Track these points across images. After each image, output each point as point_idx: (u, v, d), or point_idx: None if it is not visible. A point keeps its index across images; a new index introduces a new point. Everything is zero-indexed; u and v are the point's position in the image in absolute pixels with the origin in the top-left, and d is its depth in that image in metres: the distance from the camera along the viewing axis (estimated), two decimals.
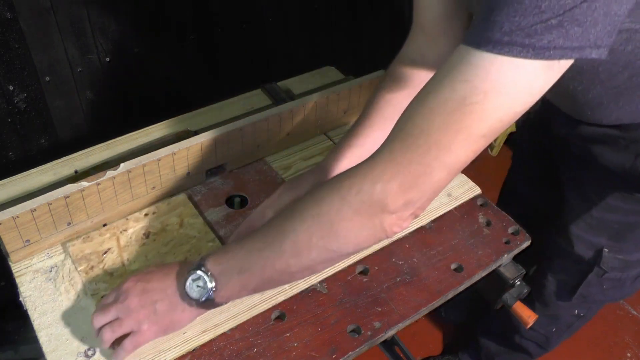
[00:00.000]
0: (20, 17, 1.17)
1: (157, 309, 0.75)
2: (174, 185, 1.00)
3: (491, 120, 0.57)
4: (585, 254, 1.09)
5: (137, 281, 0.77)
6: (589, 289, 1.13)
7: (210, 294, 0.72)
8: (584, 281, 1.12)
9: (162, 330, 0.77)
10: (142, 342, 0.76)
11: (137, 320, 0.75)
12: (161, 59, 1.44)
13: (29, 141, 1.34)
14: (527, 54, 0.53)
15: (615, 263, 1.06)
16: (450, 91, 0.57)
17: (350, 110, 1.17)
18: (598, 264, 1.07)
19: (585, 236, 1.07)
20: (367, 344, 0.81)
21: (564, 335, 1.34)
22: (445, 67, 0.59)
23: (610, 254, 1.05)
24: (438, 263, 0.93)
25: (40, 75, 1.27)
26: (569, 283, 1.16)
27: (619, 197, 1.00)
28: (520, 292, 0.99)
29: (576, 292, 1.14)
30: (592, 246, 1.07)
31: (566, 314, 1.24)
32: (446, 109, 0.57)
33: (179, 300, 0.75)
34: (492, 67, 0.55)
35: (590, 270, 1.09)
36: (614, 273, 1.08)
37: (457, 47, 0.58)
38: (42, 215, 0.86)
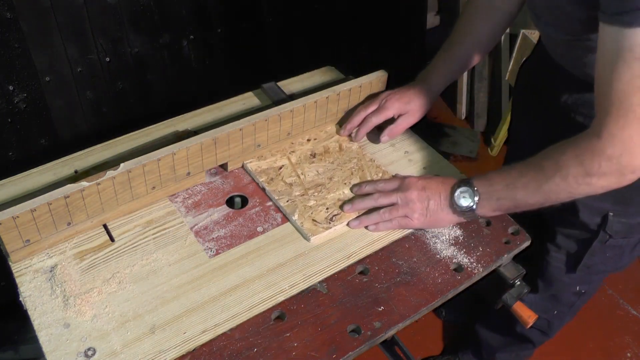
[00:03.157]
0: (20, 17, 1.17)
1: (429, 205, 0.94)
2: (174, 185, 1.00)
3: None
4: (590, 220, 1.11)
5: (419, 179, 0.97)
6: (593, 258, 1.16)
7: (473, 205, 0.91)
8: (589, 250, 1.15)
9: (427, 223, 0.96)
10: (408, 227, 0.96)
11: (413, 210, 0.94)
12: (161, 59, 1.44)
13: (29, 141, 1.34)
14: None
15: (619, 227, 1.09)
16: (631, 71, 0.73)
17: (350, 110, 1.17)
18: (604, 229, 1.10)
19: (591, 202, 1.09)
20: (367, 344, 0.81)
21: (566, 317, 1.35)
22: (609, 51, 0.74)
23: (615, 218, 1.08)
24: (438, 263, 0.93)
25: (40, 75, 1.27)
26: (573, 255, 1.19)
27: None
28: (520, 292, 0.99)
29: (580, 263, 1.18)
30: (597, 212, 1.09)
31: (568, 291, 1.27)
32: (635, 85, 0.73)
33: (447, 204, 0.94)
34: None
35: (595, 237, 1.12)
36: (617, 239, 1.11)
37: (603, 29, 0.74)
38: (42, 215, 0.86)
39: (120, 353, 0.78)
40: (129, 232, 0.94)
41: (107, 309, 0.83)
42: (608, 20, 0.74)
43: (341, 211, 0.98)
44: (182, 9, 1.40)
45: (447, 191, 0.94)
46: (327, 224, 0.96)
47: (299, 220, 0.96)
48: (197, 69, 1.52)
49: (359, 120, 1.12)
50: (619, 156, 0.78)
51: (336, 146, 1.12)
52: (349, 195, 1.02)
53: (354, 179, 1.05)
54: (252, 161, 1.07)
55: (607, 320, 1.88)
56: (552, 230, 1.20)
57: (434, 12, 2.77)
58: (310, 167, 1.07)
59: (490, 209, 0.91)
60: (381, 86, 1.18)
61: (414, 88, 1.12)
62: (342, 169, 1.07)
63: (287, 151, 1.10)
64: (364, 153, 1.11)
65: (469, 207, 0.92)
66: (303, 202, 0.99)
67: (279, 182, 1.03)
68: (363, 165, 1.08)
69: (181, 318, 0.83)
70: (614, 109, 0.76)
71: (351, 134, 1.14)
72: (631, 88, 0.74)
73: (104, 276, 0.87)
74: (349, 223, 0.97)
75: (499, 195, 0.90)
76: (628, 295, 1.95)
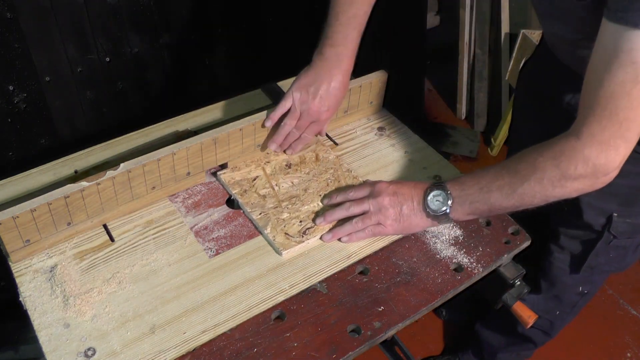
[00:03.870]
0: (20, 17, 1.17)
1: (402, 211, 0.92)
2: (174, 185, 1.00)
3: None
4: (595, 221, 1.11)
5: (390, 184, 0.94)
6: (597, 258, 1.16)
7: (447, 209, 0.89)
8: (593, 250, 1.14)
9: (401, 229, 0.94)
10: (382, 234, 0.94)
11: (386, 216, 0.92)
12: (161, 59, 1.44)
13: (29, 141, 1.34)
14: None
15: (624, 227, 1.09)
16: (624, 74, 0.72)
17: (350, 110, 1.17)
18: (608, 229, 1.10)
19: (596, 203, 1.09)
20: (367, 344, 0.81)
21: (568, 317, 1.35)
22: (606, 49, 0.74)
23: (619, 219, 1.08)
24: (438, 263, 0.93)
25: (40, 75, 1.27)
26: (576, 256, 1.18)
27: (629, 160, 1.01)
28: (520, 292, 0.99)
29: (584, 263, 1.17)
30: (602, 213, 1.09)
31: (571, 292, 1.27)
32: (625, 89, 0.72)
33: (420, 208, 0.92)
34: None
35: (600, 238, 1.12)
36: (622, 239, 1.11)
37: (606, 25, 0.73)
38: (42, 215, 0.86)
39: (120, 353, 0.78)
40: (129, 232, 0.94)
41: (107, 309, 0.83)
42: (612, 17, 0.73)
43: (314, 224, 0.96)
44: (182, 9, 1.40)
45: (419, 195, 0.92)
46: (299, 237, 0.93)
47: (271, 234, 0.93)
48: (197, 69, 1.52)
49: (284, 134, 1.05)
50: (595, 157, 0.78)
51: (312, 156, 1.09)
52: (324, 207, 0.99)
53: (329, 190, 1.02)
54: (226, 172, 1.04)
55: (607, 320, 1.88)
56: (555, 231, 1.20)
57: (434, 12, 2.78)
58: (285, 178, 1.04)
59: (464, 212, 0.90)
60: (381, 86, 1.18)
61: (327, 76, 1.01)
62: (318, 180, 1.04)
63: (262, 161, 1.07)
64: (341, 163, 1.08)
65: (443, 211, 0.90)
66: (276, 214, 0.97)
67: (253, 194, 1.00)
68: (339, 175, 1.05)
69: (181, 318, 0.83)
70: (598, 109, 0.76)
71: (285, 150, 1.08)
72: (620, 91, 0.73)
73: (104, 276, 0.87)
74: (322, 237, 0.94)
75: (473, 198, 0.88)
76: (628, 295, 1.95)
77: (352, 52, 1.03)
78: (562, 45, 1.03)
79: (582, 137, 0.78)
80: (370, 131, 1.18)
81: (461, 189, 0.89)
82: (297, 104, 1.01)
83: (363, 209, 0.93)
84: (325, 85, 1.01)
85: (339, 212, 0.95)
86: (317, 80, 1.01)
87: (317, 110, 1.02)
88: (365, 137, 1.17)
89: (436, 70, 2.68)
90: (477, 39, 2.34)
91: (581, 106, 0.80)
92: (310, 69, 1.02)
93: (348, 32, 1.02)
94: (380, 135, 1.17)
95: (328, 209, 0.97)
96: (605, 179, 0.81)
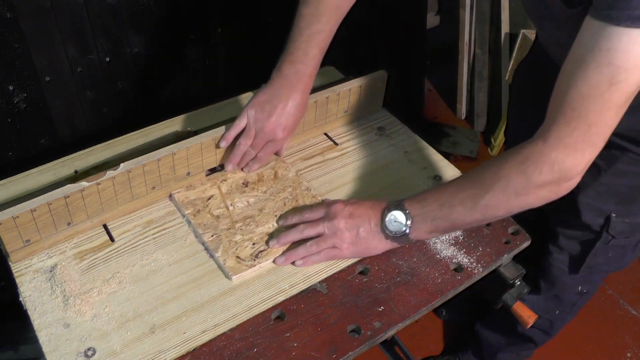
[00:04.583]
0: (20, 17, 1.17)
1: (359, 233, 0.88)
2: (174, 185, 1.00)
3: (633, 91, 0.70)
4: (593, 221, 1.10)
5: (346, 205, 0.90)
6: (596, 258, 1.15)
7: (406, 230, 0.85)
8: (592, 250, 1.14)
9: (358, 252, 0.90)
10: (338, 257, 0.90)
11: (341, 239, 0.88)
12: (161, 59, 1.44)
13: (29, 141, 1.34)
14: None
15: (623, 227, 1.08)
16: (598, 75, 0.69)
17: (350, 110, 1.17)
18: (606, 229, 1.09)
19: (594, 204, 1.08)
20: (367, 344, 0.81)
21: (568, 317, 1.35)
22: (584, 48, 0.70)
23: (618, 219, 1.07)
24: (438, 263, 0.93)
25: (40, 75, 1.27)
26: (575, 256, 1.18)
27: (627, 160, 1.01)
28: (520, 292, 0.99)
29: (583, 263, 1.17)
30: (600, 213, 1.09)
31: (570, 292, 1.27)
32: (598, 91, 0.69)
33: (378, 230, 0.88)
34: (631, 44, 0.66)
35: (598, 238, 1.11)
36: (620, 239, 1.10)
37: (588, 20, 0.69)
38: (42, 215, 0.86)
39: (120, 353, 0.78)
40: (129, 232, 0.94)
41: (107, 309, 0.83)
42: (595, 15, 0.69)
43: (268, 247, 0.92)
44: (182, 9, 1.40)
45: (377, 216, 0.88)
46: (251, 261, 0.89)
47: (221, 258, 0.89)
48: (197, 69, 1.52)
49: (240, 155, 1.01)
50: (562, 161, 0.75)
51: (271, 174, 1.05)
52: (279, 229, 0.95)
53: (286, 210, 0.98)
54: (180, 191, 1.00)
55: (607, 320, 1.88)
56: (553, 231, 1.20)
57: (434, 12, 2.77)
58: (241, 197, 1.00)
59: (426, 231, 0.86)
60: (381, 86, 1.18)
61: (284, 94, 0.97)
62: (275, 199, 1.00)
63: (219, 179, 1.03)
64: (300, 181, 1.03)
65: (402, 232, 0.86)
66: (229, 236, 0.93)
67: (206, 215, 0.96)
68: (298, 194, 1.01)
69: (181, 318, 0.83)
70: (568, 111, 0.73)
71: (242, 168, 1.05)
72: (593, 93, 0.70)
73: (104, 276, 0.87)
74: (275, 260, 0.90)
75: (434, 215, 0.84)
76: (628, 295, 1.95)
77: (312, 70, 0.99)
78: (556, 48, 1.03)
79: (549, 140, 0.76)
80: (370, 131, 1.18)
81: (421, 206, 0.85)
82: (251, 122, 0.97)
83: (318, 232, 0.89)
84: (282, 104, 0.97)
85: (293, 234, 0.91)
86: (274, 98, 0.97)
87: (273, 130, 0.98)
88: (365, 137, 1.17)
89: (436, 70, 2.68)
90: (477, 39, 2.34)
91: (550, 107, 0.77)
92: (267, 87, 0.98)
93: (309, 49, 0.97)
94: (380, 135, 1.17)
95: (283, 230, 0.93)
96: (569, 185, 0.79)
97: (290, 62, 0.97)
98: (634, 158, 1.01)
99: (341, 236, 0.88)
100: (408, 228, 0.86)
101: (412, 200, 0.86)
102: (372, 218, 0.88)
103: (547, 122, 0.77)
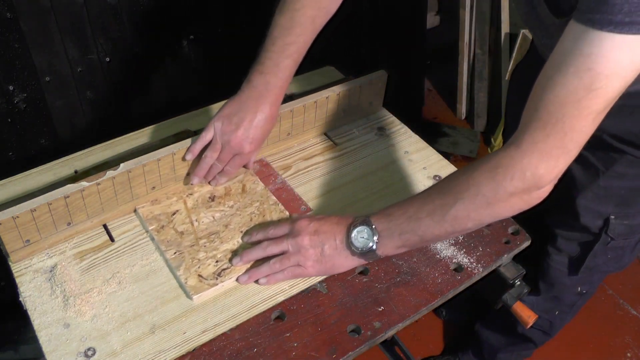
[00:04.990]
0: (20, 17, 1.17)
1: (324, 250, 0.85)
2: (174, 185, 1.00)
3: (612, 98, 0.68)
4: (592, 224, 1.10)
5: (311, 222, 0.87)
6: (595, 259, 1.15)
7: (373, 246, 0.82)
8: (591, 252, 1.13)
9: (324, 270, 0.87)
10: (303, 276, 0.87)
11: (305, 257, 0.85)
12: (161, 59, 1.44)
13: (29, 141, 1.34)
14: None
15: (621, 229, 1.08)
16: (578, 80, 0.67)
17: (350, 110, 1.17)
18: (605, 232, 1.08)
19: (592, 206, 1.08)
20: (367, 344, 0.81)
21: (567, 317, 1.35)
22: (565, 51, 0.68)
23: (617, 221, 1.07)
24: (438, 263, 0.93)
25: (40, 75, 1.27)
26: (575, 257, 1.18)
27: (625, 163, 1.01)
28: (520, 292, 0.99)
29: (582, 265, 1.16)
30: (599, 215, 1.09)
31: (570, 292, 1.26)
32: (576, 96, 0.67)
33: (343, 247, 0.85)
34: (612, 49, 0.64)
35: (597, 240, 1.11)
36: (619, 240, 1.10)
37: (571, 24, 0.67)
38: (42, 215, 0.86)
39: (120, 353, 0.78)
40: (129, 232, 0.94)
41: (107, 309, 0.83)
42: (579, 18, 0.67)
43: (231, 264, 0.89)
44: (182, 9, 1.40)
45: (342, 233, 0.85)
46: (214, 280, 0.86)
47: (183, 276, 0.86)
48: (197, 69, 1.52)
49: (206, 168, 0.98)
50: (535, 167, 0.73)
51: (239, 187, 1.01)
52: (244, 245, 0.92)
53: (252, 226, 0.95)
54: (145, 206, 0.96)
55: (607, 320, 1.87)
56: (552, 233, 1.20)
57: (434, 12, 2.78)
58: (207, 213, 0.96)
59: (394, 246, 0.83)
60: (381, 86, 1.18)
61: (252, 106, 0.94)
62: (242, 214, 0.97)
63: (185, 193, 1.00)
64: (269, 195, 1.00)
65: (369, 248, 0.83)
66: (192, 254, 0.90)
67: (170, 231, 0.93)
68: (265, 209, 0.97)
69: (181, 318, 0.83)
70: (544, 115, 0.71)
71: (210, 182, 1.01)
72: (570, 98, 0.68)
73: (104, 276, 0.87)
74: (238, 278, 0.87)
75: (402, 229, 0.81)
76: (628, 295, 1.95)
77: (282, 81, 0.95)
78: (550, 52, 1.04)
79: (523, 146, 0.73)
80: (370, 131, 1.18)
81: (388, 220, 0.82)
82: (218, 135, 0.94)
83: (282, 249, 0.86)
84: (250, 117, 0.93)
85: (256, 252, 0.88)
86: (242, 110, 0.93)
87: (240, 143, 0.94)
88: (365, 137, 1.17)
89: (436, 70, 2.68)
90: (477, 39, 2.34)
91: (526, 112, 0.74)
92: (236, 98, 0.95)
93: (281, 60, 0.94)
94: (380, 135, 1.17)
95: (247, 247, 0.91)
96: (540, 194, 0.76)
97: (261, 72, 0.94)
98: (632, 160, 1.01)
99: (305, 254, 0.85)
100: (375, 244, 0.83)
101: (379, 215, 0.84)
102: (337, 234, 0.85)
103: (522, 127, 0.74)
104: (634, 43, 0.63)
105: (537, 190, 0.75)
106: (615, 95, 0.68)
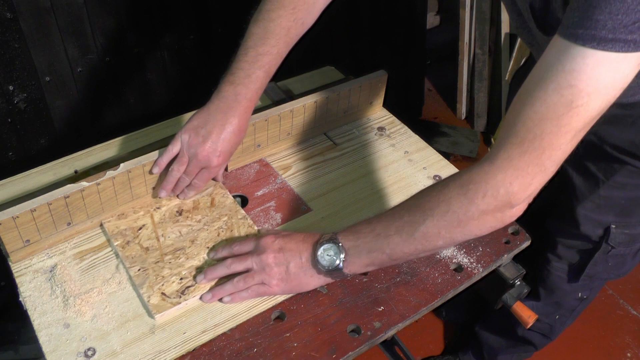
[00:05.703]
0: (20, 17, 1.17)
1: (289, 269, 0.82)
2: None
3: (593, 116, 0.65)
4: (592, 233, 1.10)
5: (276, 239, 0.84)
6: (595, 267, 1.14)
7: (339, 264, 0.80)
8: (591, 260, 1.13)
9: (289, 289, 0.84)
10: (267, 294, 0.85)
11: (270, 275, 0.82)
12: (161, 59, 1.44)
13: (29, 141, 1.34)
14: (628, 48, 0.60)
15: (622, 238, 1.08)
16: (558, 96, 0.64)
17: (350, 110, 1.17)
18: (606, 241, 1.08)
19: (593, 216, 1.08)
20: (367, 344, 0.81)
21: (568, 321, 1.35)
22: (547, 66, 0.66)
23: (617, 230, 1.07)
24: (438, 263, 0.93)
25: (40, 75, 1.27)
26: (575, 265, 1.17)
27: (626, 173, 1.01)
28: (520, 292, 0.99)
29: (583, 272, 1.16)
30: (599, 225, 1.08)
31: (570, 298, 1.26)
32: (556, 113, 0.65)
33: (309, 266, 0.82)
34: (595, 66, 0.62)
35: (598, 249, 1.10)
36: (620, 249, 1.09)
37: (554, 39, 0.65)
38: (42, 215, 0.86)
39: (120, 353, 0.78)
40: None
41: (107, 309, 0.83)
42: (563, 33, 0.65)
43: (196, 282, 0.86)
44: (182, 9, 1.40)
45: (308, 251, 0.82)
46: (177, 298, 0.83)
47: (146, 294, 0.83)
48: (197, 69, 1.52)
49: (173, 182, 0.95)
50: (509, 184, 0.69)
51: (208, 201, 0.98)
52: (209, 261, 0.90)
53: (219, 241, 0.93)
54: (111, 220, 0.94)
55: (607, 320, 1.87)
56: (552, 240, 1.19)
57: (434, 12, 2.78)
58: (173, 227, 0.94)
59: (362, 265, 0.80)
60: (381, 86, 1.18)
61: (220, 118, 0.91)
62: (209, 229, 0.94)
63: (152, 207, 0.97)
64: (237, 209, 0.97)
65: (335, 266, 0.80)
66: (156, 271, 0.87)
67: (135, 246, 0.90)
68: (233, 224, 0.95)
69: (181, 318, 0.83)
70: (522, 131, 0.68)
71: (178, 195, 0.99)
72: (550, 115, 0.65)
73: (103, 276, 0.87)
74: (201, 297, 0.84)
75: (370, 247, 0.78)
76: (628, 295, 1.95)
77: (253, 93, 0.92)
78: None
79: (497, 162, 0.70)
80: (370, 131, 1.18)
81: (355, 238, 0.80)
82: (185, 147, 0.91)
83: (246, 267, 0.84)
84: (218, 129, 0.90)
85: (220, 269, 0.85)
86: (210, 122, 0.90)
87: (207, 157, 0.91)
88: (365, 137, 1.17)
89: (436, 70, 2.68)
90: (477, 39, 2.34)
91: (504, 127, 0.71)
92: (204, 109, 0.92)
93: (252, 70, 0.91)
94: (380, 135, 1.17)
95: (213, 263, 0.88)
96: (512, 213, 0.73)
97: (231, 83, 0.91)
98: (632, 171, 1.00)
99: (270, 272, 0.82)
100: (342, 262, 0.80)
101: (346, 232, 0.81)
102: (303, 252, 0.83)
103: (498, 142, 0.71)
104: (616, 61, 0.61)
105: (510, 209, 0.72)
106: (597, 114, 0.65)
